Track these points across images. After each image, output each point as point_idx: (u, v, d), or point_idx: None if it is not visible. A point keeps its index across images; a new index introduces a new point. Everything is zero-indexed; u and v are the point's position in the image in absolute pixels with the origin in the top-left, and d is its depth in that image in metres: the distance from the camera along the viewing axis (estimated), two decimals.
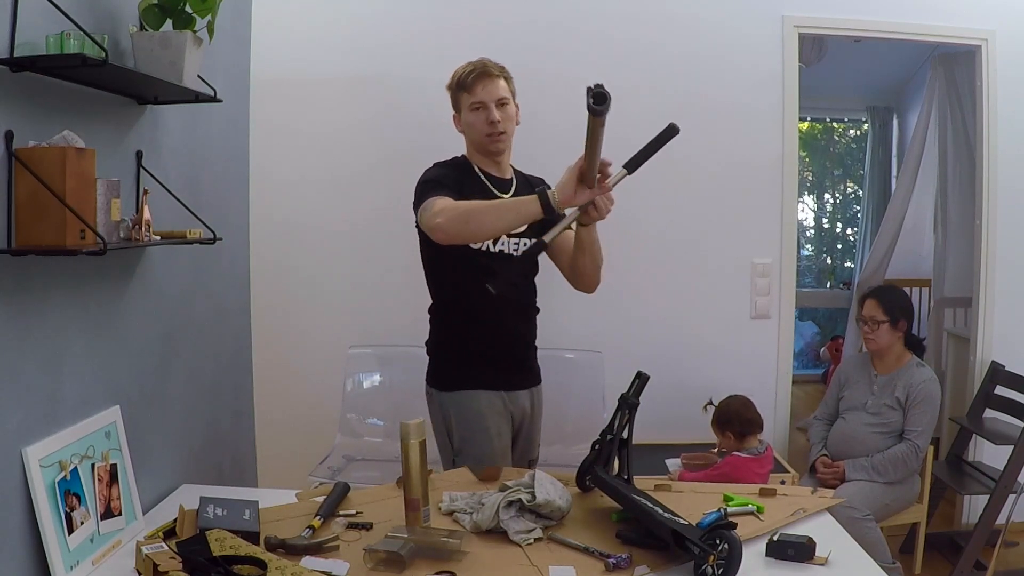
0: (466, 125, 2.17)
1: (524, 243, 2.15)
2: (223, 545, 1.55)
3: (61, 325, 1.74)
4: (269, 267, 3.14)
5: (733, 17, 3.25)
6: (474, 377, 2.16)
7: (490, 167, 2.20)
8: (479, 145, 2.17)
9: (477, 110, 2.12)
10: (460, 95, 2.16)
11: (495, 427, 2.14)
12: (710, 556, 1.49)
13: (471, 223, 1.91)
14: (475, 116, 2.13)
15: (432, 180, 2.10)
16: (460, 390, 2.17)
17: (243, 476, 2.94)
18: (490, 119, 2.11)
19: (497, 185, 2.18)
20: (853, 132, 7.02)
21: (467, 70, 2.14)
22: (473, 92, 2.12)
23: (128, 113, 2.03)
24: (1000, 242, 3.43)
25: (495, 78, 2.13)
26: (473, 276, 2.06)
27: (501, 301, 2.00)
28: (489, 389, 2.16)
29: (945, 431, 3.78)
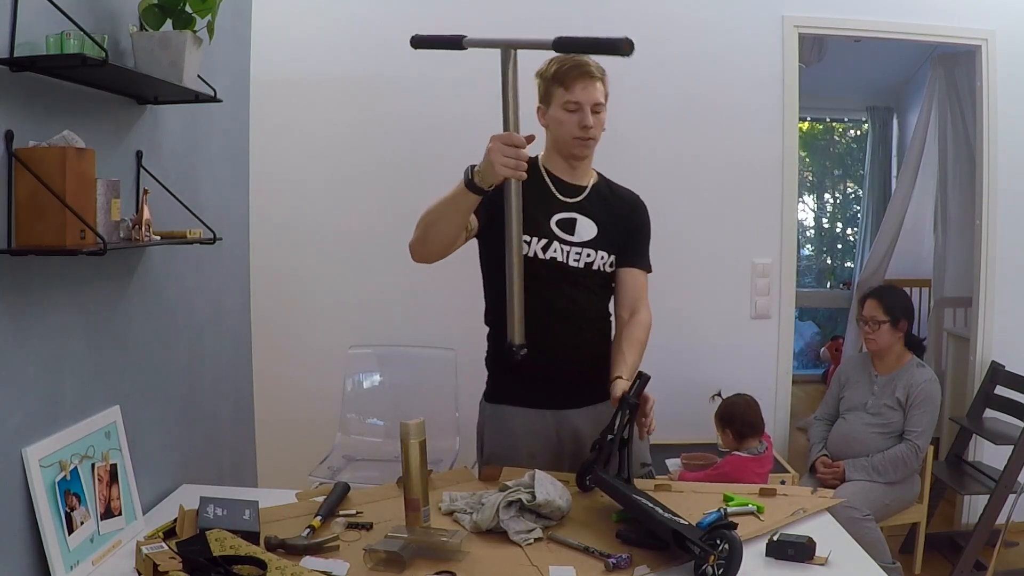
0: (553, 121, 2.00)
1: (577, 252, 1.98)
2: (223, 545, 1.55)
3: (61, 325, 1.74)
4: (269, 267, 3.14)
5: (733, 17, 3.25)
6: (512, 393, 2.03)
7: (563, 171, 2.04)
8: (562, 146, 2.01)
9: (571, 111, 1.96)
10: (554, 88, 1.98)
11: (527, 447, 2.02)
12: (710, 556, 1.49)
13: (427, 234, 1.89)
14: (567, 116, 1.96)
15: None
16: (498, 404, 2.06)
17: (243, 476, 2.94)
18: (583, 123, 1.95)
19: (563, 190, 2.02)
20: (853, 132, 7.02)
21: (567, 63, 1.96)
22: (571, 90, 1.95)
23: (128, 113, 2.03)
24: (1000, 242, 3.43)
25: (595, 79, 1.96)
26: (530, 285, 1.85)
27: (552, 313, 1.92)
28: (530, 407, 2.02)
29: (945, 431, 3.78)
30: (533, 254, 1.97)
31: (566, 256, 1.99)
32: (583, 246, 2.00)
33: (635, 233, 2.09)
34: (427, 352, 3.19)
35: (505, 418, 2.05)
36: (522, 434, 2.03)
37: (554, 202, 2.02)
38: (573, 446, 2.04)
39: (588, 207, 2.03)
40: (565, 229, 2.00)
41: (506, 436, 2.04)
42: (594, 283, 2.03)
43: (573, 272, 1.99)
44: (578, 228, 2.01)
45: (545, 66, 2.02)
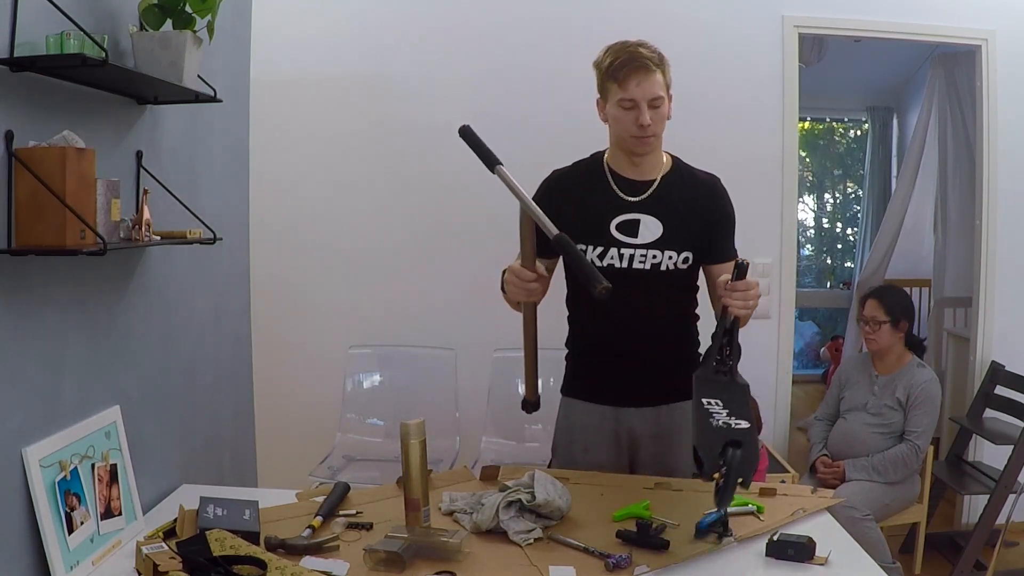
0: (611, 118, 1.92)
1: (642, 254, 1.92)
2: (223, 545, 1.55)
3: (61, 325, 1.74)
4: (269, 267, 3.14)
5: (733, 17, 3.25)
6: (577, 386, 2.07)
7: (627, 168, 1.96)
8: (622, 143, 1.93)
9: (627, 108, 1.86)
10: (608, 84, 1.88)
11: (582, 441, 2.04)
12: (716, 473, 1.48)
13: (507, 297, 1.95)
14: (623, 114, 1.87)
15: None
16: (565, 396, 2.10)
17: (243, 476, 2.94)
18: (640, 122, 1.85)
19: (628, 188, 1.95)
20: (853, 132, 7.02)
21: (620, 57, 1.85)
22: (625, 87, 1.84)
23: (128, 113, 2.03)
24: (1000, 242, 3.43)
25: (651, 72, 1.83)
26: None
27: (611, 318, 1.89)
28: (591, 401, 2.03)
29: (945, 431, 3.78)
30: (592, 261, 1.90)
31: (628, 261, 1.92)
32: (648, 247, 1.92)
33: (714, 226, 1.98)
34: (427, 352, 3.19)
35: (568, 410, 2.09)
36: (579, 427, 2.05)
37: (617, 204, 1.94)
38: (629, 445, 2.04)
39: (654, 205, 1.94)
40: (627, 232, 1.92)
41: (566, 427, 2.09)
42: (663, 284, 1.95)
43: (637, 275, 1.92)
44: (642, 229, 1.92)
45: (600, 56, 1.92)
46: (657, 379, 1.98)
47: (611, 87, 1.88)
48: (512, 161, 3.40)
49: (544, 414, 2.31)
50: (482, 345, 3.16)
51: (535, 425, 3.13)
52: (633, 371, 1.98)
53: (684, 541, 1.67)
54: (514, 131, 3.20)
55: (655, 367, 1.98)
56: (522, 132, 3.20)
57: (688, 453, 1.89)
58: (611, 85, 1.88)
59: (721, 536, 1.67)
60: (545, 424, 3.16)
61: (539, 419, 3.12)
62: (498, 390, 3.16)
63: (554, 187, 2.04)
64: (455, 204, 3.24)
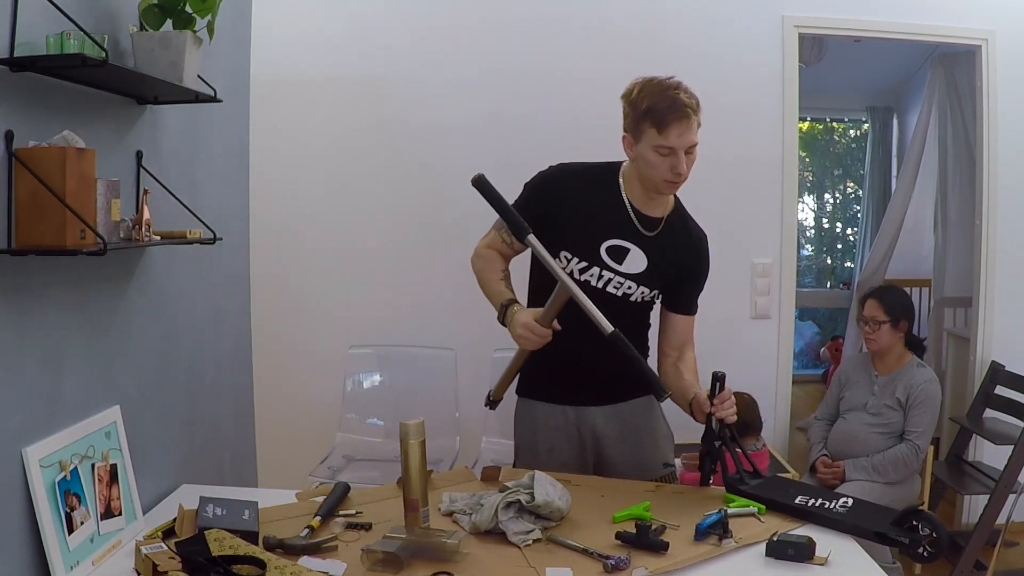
0: (641, 159, 1.87)
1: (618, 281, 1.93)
2: (222, 545, 1.55)
3: (61, 325, 1.74)
4: (269, 267, 3.14)
5: (733, 17, 3.25)
6: (536, 387, 2.07)
7: (641, 201, 1.94)
8: (648, 184, 1.90)
9: (664, 155, 1.83)
10: (644, 126, 1.83)
11: (546, 442, 2.05)
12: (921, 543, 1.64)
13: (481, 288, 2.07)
14: (659, 160, 1.83)
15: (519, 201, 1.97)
16: (524, 397, 2.11)
17: (243, 476, 2.94)
18: (677, 170, 1.83)
19: (641, 220, 1.94)
20: (853, 132, 7.02)
21: (663, 103, 1.80)
22: (666, 135, 1.80)
23: (128, 113, 2.03)
24: (1000, 242, 3.43)
25: (691, 119, 1.82)
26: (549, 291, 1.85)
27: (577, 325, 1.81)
28: (551, 402, 2.04)
29: (945, 431, 3.78)
30: (570, 271, 1.92)
31: (605, 283, 1.93)
32: (627, 278, 1.93)
33: (689, 280, 2.03)
34: (427, 352, 3.19)
35: (530, 412, 2.09)
36: (543, 428, 2.06)
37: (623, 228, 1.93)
38: (593, 443, 2.05)
39: (651, 243, 1.95)
40: (614, 256, 1.93)
41: (529, 430, 2.09)
42: (628, 310, 1.96)
43: (607, 297, 1.92)
44: (628, 259, 1.93)
45: (635, 93, 1.86)
46: (615, 379, 2.00)
47: (648, 131, 1.83)
48: (512, 161, 3.41)
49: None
50: (482, 345, 3.16)
51: None
52: (592, 375, 2.00)
53: (684, 543, 1.67)
54: (514, 131, 3.21)
55: (613, 370, 1.95)
56: (522, 132, 3.21)
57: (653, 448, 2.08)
58: (648, 129, 1.83)
59: (721, 538, 1.67)
60: None
61: None
62: None
63: (558, 183, 1.98)
64: (455, 204, 3.23)
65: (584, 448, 2.06)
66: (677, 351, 2.06)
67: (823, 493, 1.87)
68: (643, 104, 1.82)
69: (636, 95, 1.85)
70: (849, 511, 1.78)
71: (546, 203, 1.95)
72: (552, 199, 1.95)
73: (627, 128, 1.89)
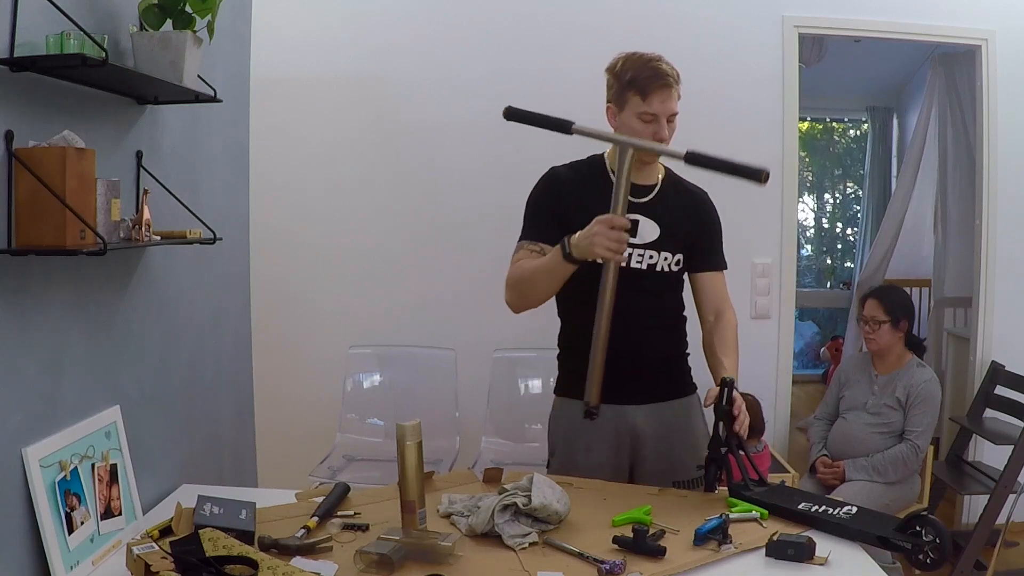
0: (625, 127, 1.94)
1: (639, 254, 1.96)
2: (216, 545, 1.54)
3: (61, 325, 1.74)
4: (269, 267, 3.14)
5: (733, 17, 3.25)
6: (573, 385, 2.00)
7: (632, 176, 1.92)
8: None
9: (647, 122, 1.90)
10: (628, 95, 1.91)
11: (583, 441, 2.02)
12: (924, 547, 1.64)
13: (526, 295, 1.95)
14: (642, 127, 1.90)
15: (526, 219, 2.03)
16: (561, 396, 2.10)
17: (243, 476, 2.94)
18: (659, 136, 1.91)
19: (632, 191, 1.91)
20: (853, 132, 7.02)
21: (645, 72, 1.89)
22: (649, 102, 1.89)
23: (128, 113, 2.03)
24: (1000, 242, 3.43)
25: (672, 89, 1.90)
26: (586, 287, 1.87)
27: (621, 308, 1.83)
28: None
29: (945, 431, 3.78)
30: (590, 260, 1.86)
31: (627, 260, 1.94)
32: (645, 248, 1.97)
33: (704, 235, 2.06)
34: (427, 352, 3.19)
35: (567, 410, 2.06)
36: (579, 427, 2.00)
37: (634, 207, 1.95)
38: (631, 443, 2.04)
39: (653, 208, 2.00)
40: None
41: (566, 428, 2.07)
42: (658, 284, 2.00)
43: (634, 274, 1.95)
44: (640, 230, 1.96)
45: (619, 66, 1.94)
46: (655, 375, 2.01)
47: (632, 99, 1.91)
48: (513, 161, 3.42)
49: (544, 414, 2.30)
50: (482, 345, 3.16)
51: (535, 425, 3.13)
52: (631, 368, 1.98)
53: (682, 548, 1.65)
54: (514, 132, 3.20)
55: (652, 363, 2.00)
56: (522, 132, 3.19)
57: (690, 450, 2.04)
58: (632, 97, 1.91)
59: (720, 543, 1.66)
60: (544, 424, 3.16)
61: (539, 419, 3.12)
62: (498, 390, 3.16)
63: (555, 183, 2.05)
64: (455, 204, 3.24)
65: (621, 448, 2.04)
66: (714, 312, 2.07)
67: (827, 500, 1.87)
68: (627, 75, 1.91)
69: (620, 67, 1.94)
70: (853, 517, 1.78)
71: (552, 205, 2.01)
72: (554, 199, 2.01)
73: (611, 99, 1.97)
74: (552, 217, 1.98)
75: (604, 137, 1.86)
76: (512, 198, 3.53)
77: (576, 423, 2.02)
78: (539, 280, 1.91)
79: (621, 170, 1.78)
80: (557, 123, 1.86)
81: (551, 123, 1.86)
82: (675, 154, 1.77)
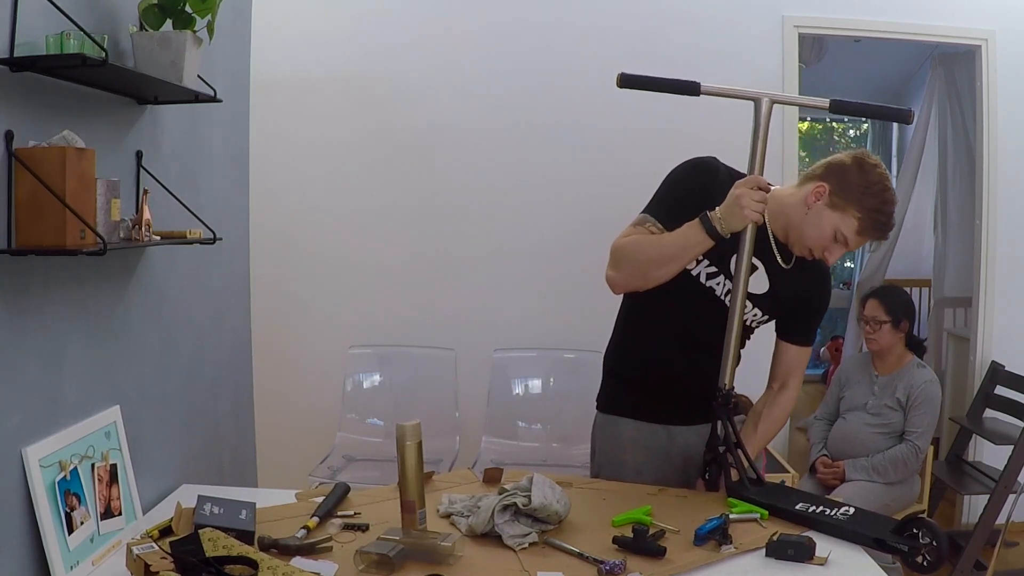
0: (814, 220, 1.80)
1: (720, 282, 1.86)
2: (216, 545, 1.54)
3: (61, 325, 1.74)
4: (269, 266, 3.15)
5: (733, 17, 3.25)
6: (623, 403, 1.97)
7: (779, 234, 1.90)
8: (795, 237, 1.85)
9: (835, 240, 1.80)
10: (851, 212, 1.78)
11: (633, 461, 1.95)
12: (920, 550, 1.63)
13: (647, 272, 1.79)
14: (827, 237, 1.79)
15: (660, 193, 1.88)
16: (609, 413, 2.00)
17: (243, 476, 2.94)
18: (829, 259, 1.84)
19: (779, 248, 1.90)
20: (853, 132, 7.02)
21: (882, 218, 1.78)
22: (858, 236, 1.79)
23: (128, 113, 2.03)
24: (1000, 242, 3.43)
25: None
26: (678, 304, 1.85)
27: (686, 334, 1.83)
28: (641, 420, 1.94)
29: (945, 431, 3.79)
30: (697, 273, 1.84)
31: (725, 294, 1.86)
32: (748, 296, 1.86)
33: (810, 313, 1.97)
34: (427, 352, 3.19)
35: (616, 429, 1.99)
36: (630, 448, 1.96)
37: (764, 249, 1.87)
38: (682, 463, 1.98)
39: (779, 271, 1.89)
40: None
41: (615, 447, 1.99)
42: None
43: (722, 307, 1.85)
44: (753, 277, 1.87)
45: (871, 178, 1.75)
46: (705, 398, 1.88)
47: (848, 217, 1.75)
48: (515, 161, 3.42)
49: (544, 414, 2.30)
50: (482, 345, 3.16)
51: (535, 425, 3.14)
52: (688, 391, 1.92)
53: (682, 548, 1.65)
54: (515, 132, 3.21)
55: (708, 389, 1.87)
56: (523, 133, 3.21)
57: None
58: (851, 218, 1.75)
59: (720, 544, 1.66)
60: (544, 424, 3.16)
61: (538, 419, 3.13)
62: (498, 390, 3.16)
63: (710, 172, 1.88)
64: (455, 203, 3.25)
65: (673, 469, 1.97)
66: (780, 381, 2.02)
67: (825, 501, 1.87)
68: (870, 200, 1.75)
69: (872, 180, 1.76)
70: (850, 518, 1.78)
71: (693, 188, 1.84)
72: (701, 184, 1.85)
73: (832, 186, 1.78)
74: (690, 200, 1.80)
75: (734, 94, 1.84)
76: (512, 198, 3.55)
77: (625, 443, 1.97)
78: (674, 258, 1.76)
79: (758, 128, 1.77)
80: (683, 85, 1.83)
81: (676, 86, 1.84)
82: (819, 105, 1.76)
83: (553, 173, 3.17)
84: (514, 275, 3.24)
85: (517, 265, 3.24)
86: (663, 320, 1.88)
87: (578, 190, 3.18)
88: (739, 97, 1.86)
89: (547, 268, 3.24)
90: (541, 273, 3.23)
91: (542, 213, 3.20)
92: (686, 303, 1.86)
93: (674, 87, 1.85)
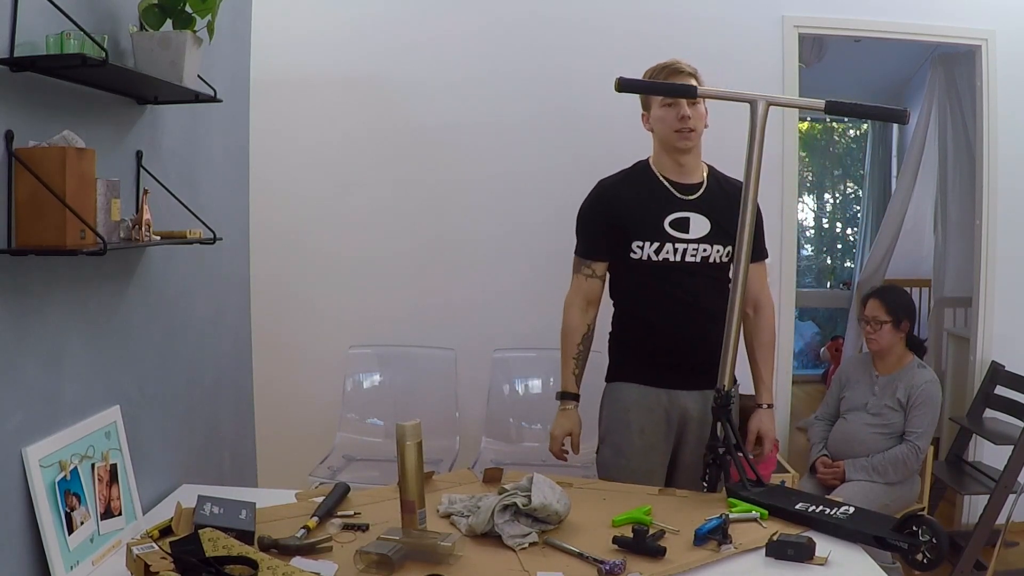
0: (655, 121, 2.16)
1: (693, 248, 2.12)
2: (216, 545, 1.55)
3: (61, 325, 1.74)
4: (269, 267, 3.14)
5: (733, 17, 3.25)
6: (629, 370, 2.20)
7: (674, 172, 2.18)
8: (667, 143, 2.15)
9: (668, 106, 2.11)
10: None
11: (638, 422, 2.15)
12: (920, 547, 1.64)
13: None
14: (665, 112, 2.12)
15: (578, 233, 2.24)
16: (614, 381, 2.23)
17: (243, 476, 2.94)
18: (681, 114, 2.09)
19: (681, 190, 2.16)
20: (853, 132, 7.02)
21: (662, 71, 2.13)
22: None
23: (128, 113, 2.03)
24: (1000, 242, 3.43)
25: (687, 76, 2.12)
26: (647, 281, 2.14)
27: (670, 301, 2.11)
28: (643, 384, 2.17)
29: (945, 431, 3.78)
30: (646, 257, 2.12)
31: (681, 255, 2.12)
32: (699, 242, 2.13)
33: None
34: (427, 352, 3.19)
35: (619, 393, 2.20)
36: (633, 408, 2.16)
37: (672, 202, 2.14)
38: (681, 426, 2.18)
39: (701, 204, 2.15)
40: (679, 228, 2.13)
41: (619, 410, 2.19)
42: (710, 275, 2.16)
43: (689, 267, 2.13)
44: (692, 226, 2.13)
45: (644, 76, 2.14)
46: (705, 363, 2.07)
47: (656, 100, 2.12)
48: (514, 162, 3.41)
49: (544, 414, 2.32)
50: (482, 345, 3.16)
51: (535, 425, 3.13)
52: (685, 355, 2.13)
53: (682, 548, 1.66)
54: (515, 132, 3.21)
55: (705, 351, 2.08)
56: (523, 133, 3.21)
57: None
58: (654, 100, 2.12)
59: (720, 543, 1.66)
60: (544, 424, 3.16)
61: (539, 419, 3.13)
62: (498, 390, 3.16)
63: (607, 194, 2.20)
64: (455, 203, 3.25)
65: (670, 431, 2.17)
66: (752, 305, 2.25)
67: (825, 500, 1.87)
68: (647, 76, 2.12)
69: (644, 76, 2.14)
70: (850, 517, 1.78)
71: (604, 216, 2.17)
72: (606, 210, 2.17)
73: (643, 107, 2.19)
74: (604, 229, 2.16)
75: (730, 96, 1.97)
76: (512, 198, 3.55)
77: (630, 405, 2.16)
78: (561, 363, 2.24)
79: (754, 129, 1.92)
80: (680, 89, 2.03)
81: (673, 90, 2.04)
82: (815, 106, 1.87)
83: (553, 174, 3.17)
84: (514, 275, 3.24)
85: (517, 265, 3.24)
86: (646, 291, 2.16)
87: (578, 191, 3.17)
88: (735, 99, 1.96)
89: (547, 268, 3.23)
90: (541, 273, 3.23)
91: (542, 213, 3.19)
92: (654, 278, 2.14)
93: (671, 91, 2.04)
